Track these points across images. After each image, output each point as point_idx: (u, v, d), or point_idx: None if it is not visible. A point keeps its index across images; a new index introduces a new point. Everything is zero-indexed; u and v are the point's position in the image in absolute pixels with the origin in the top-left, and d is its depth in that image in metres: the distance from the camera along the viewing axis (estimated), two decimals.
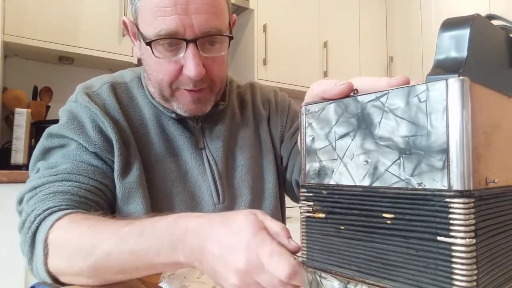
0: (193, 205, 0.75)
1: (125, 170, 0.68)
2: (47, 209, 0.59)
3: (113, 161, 0.68)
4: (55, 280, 0.57)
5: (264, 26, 2.56)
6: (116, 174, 0.67)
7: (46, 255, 0.56)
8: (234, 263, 0.42)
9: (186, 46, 0.64)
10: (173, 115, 0.75)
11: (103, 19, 2.01)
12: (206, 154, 0.77)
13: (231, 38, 0.70)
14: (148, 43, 0.64)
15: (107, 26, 2.01)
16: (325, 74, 2.84)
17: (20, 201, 0.66)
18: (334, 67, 2.87)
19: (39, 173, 0.66)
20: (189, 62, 0.64)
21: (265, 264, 0.40)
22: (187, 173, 0.75)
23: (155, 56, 0.66)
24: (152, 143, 0.73)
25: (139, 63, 2.21)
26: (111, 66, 2.18)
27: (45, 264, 0.56)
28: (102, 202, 0.67)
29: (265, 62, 2.53)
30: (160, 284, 0.55)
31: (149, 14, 0.64)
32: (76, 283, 0.58)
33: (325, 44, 2.84)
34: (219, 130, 0.80)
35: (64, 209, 0.59)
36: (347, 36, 3.02)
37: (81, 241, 0.55)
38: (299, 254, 0.41)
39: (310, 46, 2.79)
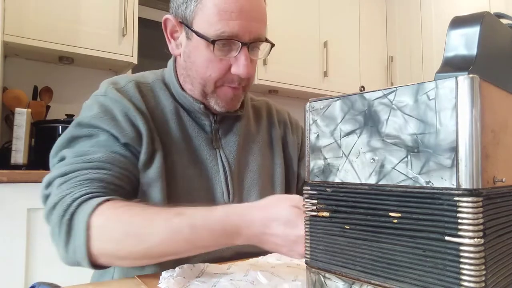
0: (207, 201, 0.78)
1: (149, 162, 0.72)
2: (84, 195, 0.62)
3: (139, 152, 0.71)
4: (94, 262, 0.61)
5: None
6: (140, 164, 0.71)
7: (88, 237, 0.59)
8: (298, 251, 0.56)
9: (240, 48, 0.72)
10: (201, 106, 0.78)
11: (103, 19, 2.00)
12: (220, 154, 0.81)
13: (272, 45, 0.79)
14: (212, 42, 0.70)
15: (107, 26, 2.01)
16: (325, 74, 2.83)
17: (48, 185, 0.68)
18: (334, 67, 2.87)
19: (67, 160, 0.68)
20: (242, 62, 0.72)
21: None
22: (202, 171, 0.79)
23: (205, 54, 0.72)
24: (174, 140, 0.77)
25: (140, 63, 2.19)
26: (111, 66, 2.17)
27: (87, 246, 0.59)
28: (131, 191, 0.71)
29: (265, 62, 2.52)
30: (159, 285, 0.55)
31: (213, 15, 0.70)
32: (118, 264, 0.65)
33: (325, 44, 2.84)
34: (234, 134, 0.84)
35: (102, 196, 0.63)
36: (347, 36, 3.02)
37: (131, 227, 0.60)
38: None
39: (310, 46, 2.79)
